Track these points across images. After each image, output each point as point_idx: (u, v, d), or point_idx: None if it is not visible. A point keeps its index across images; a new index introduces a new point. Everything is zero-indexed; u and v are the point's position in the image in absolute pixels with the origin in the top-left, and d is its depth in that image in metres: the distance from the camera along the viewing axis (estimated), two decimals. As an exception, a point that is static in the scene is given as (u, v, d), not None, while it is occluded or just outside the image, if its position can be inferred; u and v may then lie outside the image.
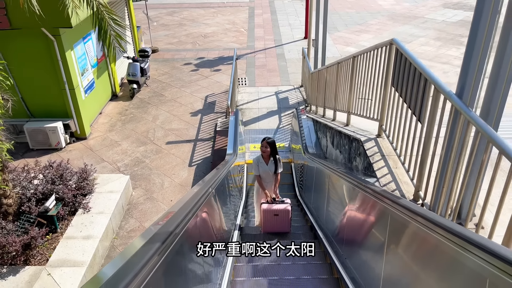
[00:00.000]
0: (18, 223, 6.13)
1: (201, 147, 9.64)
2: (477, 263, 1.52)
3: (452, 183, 2.90)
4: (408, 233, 2.32)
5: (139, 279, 1.30)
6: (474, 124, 2.55)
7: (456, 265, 1.74)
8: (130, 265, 1.34)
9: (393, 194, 2.67)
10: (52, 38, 8.62)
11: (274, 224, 5.55)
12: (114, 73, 11.92)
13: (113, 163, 9.00)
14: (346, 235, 3.80)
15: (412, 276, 2.28)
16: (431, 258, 2.02)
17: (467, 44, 2.83)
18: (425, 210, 2.19)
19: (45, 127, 9.18)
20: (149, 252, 1.48)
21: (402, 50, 3.75)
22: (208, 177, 3.89)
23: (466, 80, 2.79)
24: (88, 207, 6.94)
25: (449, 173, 2.92)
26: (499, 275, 1.40)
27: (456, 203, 2.91)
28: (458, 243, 1.67)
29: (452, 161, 2.88)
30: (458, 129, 2.78)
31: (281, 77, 13.75)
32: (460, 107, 2.72)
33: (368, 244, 3.09)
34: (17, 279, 5.72)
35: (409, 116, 3.72)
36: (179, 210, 2.15)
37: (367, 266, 3.10)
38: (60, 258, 6.04)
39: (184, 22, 19.77)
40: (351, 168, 5.12)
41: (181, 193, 8.05)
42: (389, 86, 4.26)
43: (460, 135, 2.78)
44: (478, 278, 1.56)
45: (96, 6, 4.69)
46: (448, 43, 15.89)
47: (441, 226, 1.85)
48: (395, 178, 3.89)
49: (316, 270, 4.25)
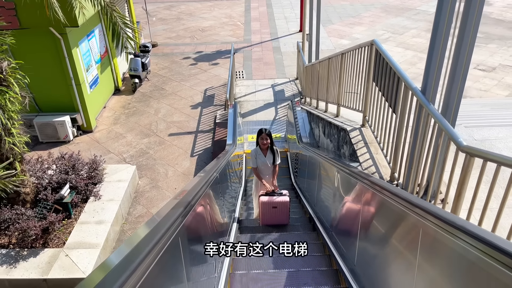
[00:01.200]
0: (37, 210, 6.68)
1: (202, 138, 10.18)
2: (431, 227, 2.01)
3: (418, 165, 3.47)
4: (378, 206, 2.88)
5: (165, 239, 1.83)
6: (432, 116, 3.10)
7: (415, 229, 2.27)
8: (159, 228, 1.84)
9: (366, 173, 3.23)
10: (59, 37, 9.10)
11: (272, 216, 5.50)
12: (117, 68, 12.40)
13: (119, 154, 9.54)
14: (333, 213, 4.37)
15: (379, 243, 2.84)
16: (396, 227, 2.56)
17: (428, 49, 3.37)
18: (384, 182, 2.75)
19: (53, 121, 9.69)
20: (176, 214, 2.03)
21: (381, 50, 4.29)
22: (211, 164, 4.44)
23: (428, 79, 3.34)
24: (99, 195, 7.49)
25: (415, 157, 3.48)
26: (452, 239, 1.93)
27: (422, 181, 3.48)
28: (416, 212, 2.18)
29: (418, 147, 3.44)
30: (422, 120, 3.33)
31: (277, 70, 14.25)
32: (423, 101, 3.27)
33: (343, 213, 3.66)
34: (37, 260, 6.28)
35: (387, 108, 4.27)
36: (193, 187, 2.70)
37: (344, 228, 3.67)
38: (76, 241, 6.61)
39: (182, 16, 20.16)
40: (339, 155, 5.68)
41: (184, 181, 8.61)
42: (371, 82, 4.80)
43: (423, 125, 3.33)
44: (436, 242, 2.08)
45: (110, 12, 5.20)
46: (438, 35, 16.37)
47: (402, 197, 2.37)
48: (375, 162, 4.45)
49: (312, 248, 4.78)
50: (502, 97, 11.25)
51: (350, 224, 3.40)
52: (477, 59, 13.98)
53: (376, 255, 2.81)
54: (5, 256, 6.30)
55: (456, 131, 2.78)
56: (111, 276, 1.22)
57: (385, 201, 2.57)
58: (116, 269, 1.27)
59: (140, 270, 1.36)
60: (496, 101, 9.86)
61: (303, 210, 6.77)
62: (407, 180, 3.72)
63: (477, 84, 12.21)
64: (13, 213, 6.45)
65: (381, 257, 2.70)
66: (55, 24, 8.47)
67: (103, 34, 11.56)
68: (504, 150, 4.48)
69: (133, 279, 1.29)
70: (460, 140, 2.69)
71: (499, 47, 14.97)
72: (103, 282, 1.18)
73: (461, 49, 3.09)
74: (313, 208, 5.56)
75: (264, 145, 5.60)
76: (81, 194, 7.33)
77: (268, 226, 5.62)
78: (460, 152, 2.73)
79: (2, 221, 6.40)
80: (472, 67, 13.36)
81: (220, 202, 4.09)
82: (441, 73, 3.35)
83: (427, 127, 3.26)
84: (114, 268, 1.28)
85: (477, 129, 4.90)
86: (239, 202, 6.73)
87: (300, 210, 6.59)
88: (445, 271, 1.82)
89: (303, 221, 6.09)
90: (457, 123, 5.08)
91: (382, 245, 2.71)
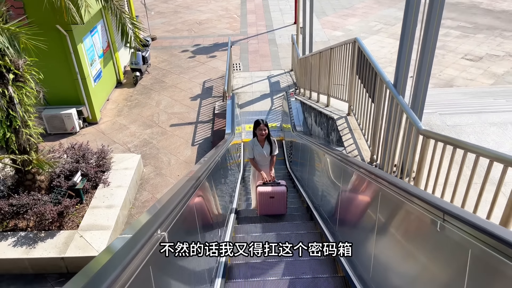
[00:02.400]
0: (52, 195, 7.26)
1: (202, 128, 10.74)
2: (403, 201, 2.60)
3: (391, 148, 4.05)
4: (354, 180, 3.47)
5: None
6: (400, 105, 3.68)
7: (387, 201, 2.85)
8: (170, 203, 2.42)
9: (346, 155, 3.82)
10: (65, 33, 9.59)
11: (270, 206, 5.52)
12: (118, 62, 12.89)
13: (123, 145, 10.10)
14: (320, 190, 4.98)
15: (355, 210, 3.43)
16: (367, 195, 3.15)
17: (398, 48, 3.93)
18: (358, 160, 3.34)
19: (61, 114, 10.23)
20: (191, 183, 2.61)
21: (362, 48, 4.85)
22: (211, 152, 5.02)
23: (398, 74, 3.91)
24: (107, 182, 8.07)
25: (389, 141, 4.07)
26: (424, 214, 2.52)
27: (398, 162, 4.07)
28: (379, 181, 2.78)
29: (391, 132, 4.03)
30: (393, 109, 3.91)
31: (273, 62, 14.77)
32: (393, 93, 3.84)
33: (327, 188, 4.26)
34: (54, 241, 6.88)
35: (367, 99, 4.84)
36: (200, 166, 3.28)
37: (327, 201, 4.28)
38: (89, 223, 7.20)
39: (179, 10, 20.57)
40: (328, 141, 6.27)
41: (186, 169, 9.19)
42: (355, 75, 5.36)
43: (394, 113, 3.91)
44: (392, 204, 2.69)
45: (119, 14, 5.74)
46: (429, 26, 16.88)
47: (375, 174, 2.94)
48: (358, 147, 5.04)
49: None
50: (487, 86, 11.82)
51: (332, 197, 4.01)
52: (465, 49, 14.53)
53: (350, 217, 3.41)
54: (24, 238, 6.90)
55: (417, 118, 3.36)
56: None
57: (359, 176, 3.16)
58: (150, 221, 1.83)
59: (171, 216, 1.95)
60: (478, 89, 10.45)
61: (295, 189, 7.39)
62: (383, 161, 4.31)
63: (464, 74, 12.77)
64: (31, 198, 7.03)
65: (351, 214, 3.31)
66: (61, 21, 8.97)
67: (105, 30, 12.03)
68: (471, 134, 5.08)
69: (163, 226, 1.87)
70: (419, 125, 3.27)
71: (487, 37, 15.50)
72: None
73: (424, 51, 3.66)
74: (305, 189, 6.17)
75: (262, 136, 5.65)
76: (91, 181, 7.90)
77: (266, 216, 5.64)
78: (419, 134, 3.31)
79: (21, 206, 6.98)
80: (459, 57, 13.93)
81: (222, 181, 4.68)
82: (409, 70, 3.92)
83: (397, 115, 3.84)
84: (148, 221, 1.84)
85: (450, 116, 5.49)
86: (238, 186, 7.33)
87: (295, 193, 7.19)
88: (395, 224, 2.42)
89: (296, 198, 6.73)
90: (432, 110, 5.70)
91: (357, 211, 3.31)
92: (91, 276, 1.21)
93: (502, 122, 5.28)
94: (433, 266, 1.98)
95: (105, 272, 1.23)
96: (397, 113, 3.82)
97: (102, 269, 1.25)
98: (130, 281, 1.33)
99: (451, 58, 13.87)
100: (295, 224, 5.17)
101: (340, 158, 3.54)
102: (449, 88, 10.54)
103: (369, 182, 2.77)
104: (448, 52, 14.30)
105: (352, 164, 3.19)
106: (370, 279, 2.81)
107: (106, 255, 1.38)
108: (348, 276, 3.26)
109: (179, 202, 2.17)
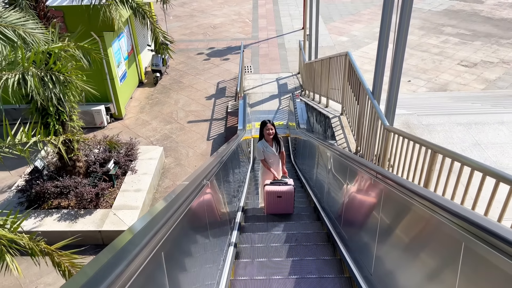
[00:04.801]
0: (90, 179, 8.52)
1: (216, 125, 11.94)
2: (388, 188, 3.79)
3: (369, 140, 5.20)
4: (341, 166, 4.61)
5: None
6: (375, 108, 4.83)
7: (373, 189, 4.02)
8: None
9: (335, 145, 4.98)
10: (97, 38, 10.85)
11: (277, 205, 5.58)
12: (140, 63, 14.17)
13: (146, 138, 11.34)
14: (314, 175, 6.14)
15: (334, 183, 4.57)
16: (348, 175, 4.29)
17: (375, 63, 5.07)
18: (347, 151, 4.49)
19: (91, 110, 11.51)
20: (212, 165, 3.79)
21: (350, 60, 5.99)
22: (225, 145, 6.19)
23: (376, 82, 5.05)
24: (135, 169, 9.31)
25: (368, 135, 5.21)
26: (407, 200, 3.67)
27: (374, 151, 5.22)
28: (354, 161, 3.93)
29: (369, 128, 5.17)
30: (371, 110, 5.05)
31: (282, 65, 15.93)
32: (370, 98, 4.99)
33: (320, 172, 5.41)
34: (92, 218, 8.13)
35: (355, 101, 5.98)
36: (222, 150, 4.46)
37: (319, 182, 5.43)
38: (120, 204, 8.44)
39: (195, 13, 21.82)
40: (325, 137, 7.42)
41: (202, 160, 10.39)
42: (346, 81, 6.50)
43: (371, 113, 5.06)
44: (362, 180, 3.84)
45: (153, 28, 6.98)
46: (430, 32, 17.91)
47: (354, 159, 4.10)
48: (347, 140, 6.19)
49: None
50: (477, 91, 12.84)
51: (322, 178, 5.17)
52: (462, 55, 15.54)
53: (334, 194, 4.57)
54: (67, 215, 8.16)
55: (384, 116, 4.50)
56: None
57: (341, 160, 4.32)
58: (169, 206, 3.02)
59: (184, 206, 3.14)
60: (465, 94, 11.50)
61: (296, 175, 8.58)
62: (365, 151, 5.46)
63: (458, 79, 13.80)
64: (72, 181, 8.29)
65: (334, 192, 4.47)
66: (95, 28, 10.24)
67: (129, 35, 13.31)
68: (441, 132, 6.19)
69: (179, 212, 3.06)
70: (385, 122, 4.41)
71: (484, 44, 16.47)
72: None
73: (395, 66, 4.80)
74: (304, 175, 7.34)
75: (269, 136, 5.74)
76: (121, 169, 9.15)
77: (273, 215, 5.75)
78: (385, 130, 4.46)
79: (64, 187, 8.24)
80: (455, 63, 14.95)
81: (236, 164, 5.89)
82: (383, 81, 5.06)
83: (373, 115, 4.98)
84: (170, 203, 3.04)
85: (426, 117, 6.61)
86: (248, 173, 8.53)
87: (296, 180, 8.37)
88: (399, 224, 3.57)
89: (297, 184, 7.91)
90: (412, 112, 6.83)
91: (336, 185, 4.47)
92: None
93: (467, 122, 6.39)
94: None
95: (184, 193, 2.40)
96: (373, 113, 4.97)
97: (183, 191, 2.42)
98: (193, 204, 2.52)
99: (448, 64, 14.89)
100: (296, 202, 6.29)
101: (328, 147, 4.70)
102: (438, 92, 11.60)
103: (351, 166, 3.93)
104: (445, 58, 15.32)
105: (339, 153, 4.35)
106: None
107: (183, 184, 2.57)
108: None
109: (213, 167, 3.36)
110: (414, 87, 13.42)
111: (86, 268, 1.24)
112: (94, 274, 1.16)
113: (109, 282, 1.13)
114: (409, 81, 13.72)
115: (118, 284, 1.19)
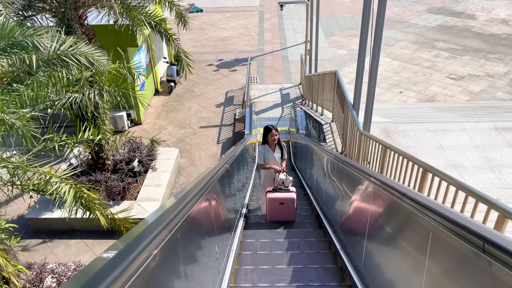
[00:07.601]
0: (118, 175, 9.92)
1: (225, 130, 13.34)
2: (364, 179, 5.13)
3: (351, 142, 6.56)
4: (332, 164, 5.95)
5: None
6: (353, 117, 6.19)
7: (341, 171, 5.36)
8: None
9: (326, 146, 6.35)
10: (122, 53, 12.34)
11: (279, 213, 5.60)
12: (157, 74, 15.65)
13: (163, 141, 12.75)
14: (309, 171, 7.49)
15: (322, 178, 5.92)
16: (347, 181, 5.63)
17: (355, 80, 6.44)
18: (334, 151, 5.84)
19: (114, 115, 12.96)
20: (224, 159, 5.17)
21: (338, 77, 7.38)
22: (233, 148, 7.56)
23: (355, 96, 6.42)
24: (155, 167, 10.71)
25: (350, 138, 6.57)
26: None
27: (356, 151, 6.58)
28: (338, 158, 5.28)
29: (351, 132, 6.53)
30: (351, 118, 6.42)
31: (285, 76, 17.35)
32: (350, 108, 6.36)
33: (316, 169, 6.77)
34: (120, 207, 9.50)
35: (341, 111, 7.35)
36: (234, 148, 5.83)
37: (314, 178, 6.78)
38: (144, 196, 9.83)
39: (204, 27, 23.37)
40: (319, 140, 8.80)
41: (213, 161, 11.78)
42: (335, 94, 7.88)
43: (351, 121, 6.42)
44: (344, 173, 5.19)
45: (177, 48, 8.44)
46: (423, 47, 19.29)
47: (341, 157, 5.45)
48: (335, 143, 7.56)
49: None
50: (462, 102, 14.17)
51: (318, 175, 6.55)
52: (451, 69, 16.89)
53: (329, 192, 5.93)
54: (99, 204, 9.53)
55: (359, 122, 5.86)
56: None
57: (330, 158, 5.67)
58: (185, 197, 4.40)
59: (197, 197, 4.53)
60: (447, 105, 12.85)
61: (295, 173, 9.94)
62: (349, 152, 6.82)
63: (445, 91, 15.14)
64: (103, 176, 9.70)
65: (328, 189, 5.82)
66: (120, 44, 11.73)
67: (147, 49, 14.80)
68: (413, 137, 7.54)
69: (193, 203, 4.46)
70: (359, 127, 5.77)
71: (472, 59, 17.81)
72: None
73: (371, 82, 6.18)
74: (299, 169, 8.71)
75: (274, 141, 5.84)
76: (144, 167, 10.56)
77: (275, 222, 5.83)
78: (359, 133, 5.82)
79: (95, 181, 9.64)
80: (444, 76, 16.30)
81: (243, 161, 7.27)
82: (361, 94, 6.44)
83: (353, 122, 6.34)
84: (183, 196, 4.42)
85: (402, 124, 7.97)
86: (253, 173, 9.90)
87: (295, 177, 9.74)
88: (363, 201, 4.94)
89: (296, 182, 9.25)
90: (391, 120, 8.20)
91: (326, 181, 5.82)
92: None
93: (435, 129, 7.74)
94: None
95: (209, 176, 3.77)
96: (353, 121, 6.33)
97: (213, 169, 3.80)
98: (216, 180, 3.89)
99: (437, 76, 16.25)
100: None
101: (320, 148, 6.07)
102: (421, 103, 12.96)
103: (337, 163, 5.29)
104: (435, 72, 16.68)
105: (328, 152, 5.71)
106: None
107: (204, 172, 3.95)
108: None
109: (231, 158, 4.74)
110: (405, 97, 14.77)
111: (117, 243, 1.53)
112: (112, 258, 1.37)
113: (124, 266, 1.35)
114: (400, 92, 15.08)
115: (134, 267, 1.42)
